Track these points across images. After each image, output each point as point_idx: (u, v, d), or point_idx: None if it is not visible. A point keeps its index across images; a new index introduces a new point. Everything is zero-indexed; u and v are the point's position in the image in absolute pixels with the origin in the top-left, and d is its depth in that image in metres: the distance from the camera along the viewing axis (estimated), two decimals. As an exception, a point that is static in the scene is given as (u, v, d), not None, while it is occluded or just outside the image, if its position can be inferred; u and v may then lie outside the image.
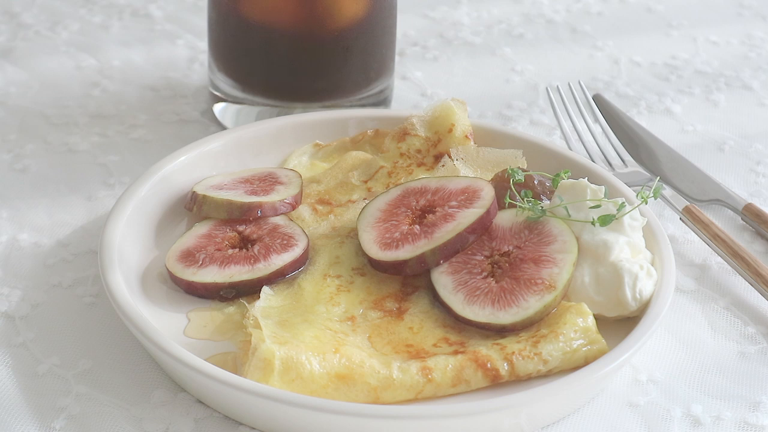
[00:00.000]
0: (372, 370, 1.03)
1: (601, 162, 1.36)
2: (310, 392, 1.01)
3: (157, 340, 1.03)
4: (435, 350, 1.07)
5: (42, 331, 1.12)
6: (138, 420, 1.03)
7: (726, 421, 1.06)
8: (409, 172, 1.27)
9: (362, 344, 1.07)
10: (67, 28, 1.62)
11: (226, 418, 1.04)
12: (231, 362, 1.05)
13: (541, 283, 1.09)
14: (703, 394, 1.09)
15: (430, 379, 1.03)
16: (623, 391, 1.08)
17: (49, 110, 1.45)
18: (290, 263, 1.13)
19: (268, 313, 1.09)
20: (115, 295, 1.08)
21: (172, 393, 1.06)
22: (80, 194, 1.31)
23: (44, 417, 1.04)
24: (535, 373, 1.05)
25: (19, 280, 1.19)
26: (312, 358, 1.03)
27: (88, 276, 1.19)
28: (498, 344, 1.06)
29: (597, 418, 1.05)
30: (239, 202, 1.18)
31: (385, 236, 1.15)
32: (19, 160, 1.36)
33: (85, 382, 1.07)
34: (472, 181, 1.18)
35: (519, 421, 1.01)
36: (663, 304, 1.09)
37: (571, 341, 1.06)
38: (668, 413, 1.06)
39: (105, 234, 1.15)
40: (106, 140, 1.40)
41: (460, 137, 1.28)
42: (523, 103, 1.51)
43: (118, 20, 1.64)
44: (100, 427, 1.03)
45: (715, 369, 1.11)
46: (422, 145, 1.29)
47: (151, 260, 1.18)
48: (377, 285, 1.14)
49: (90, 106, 1.46)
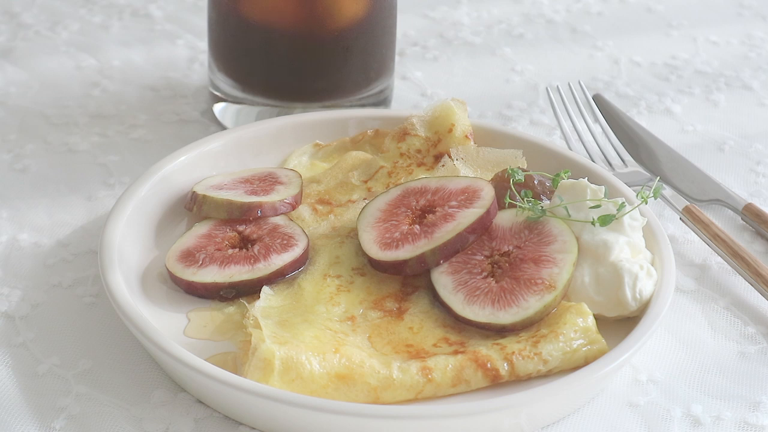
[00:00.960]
0: (372, 370, 1.03)
1: (601, 162, 1.36)
2: (310, 392, 1.01)
3: (157, 340, 1.03)
4: (435, 350, 1.07)
5: (42, 331, 1.12)
6: (138, 420, 1.03)
7: (726, 421, 1.06)
8: (409, 172, 1.27)
9: (362, 344, 1.07)
10: (67, 28, 1.62)
11: (226, 418, 1.04)
12: (231, 362, 1.05)
13: (541, 283, 1.09)
14: (703, 394, 1.09)
15: (430, 379, 1.03)
16: (623, 391, 1.08)
17: (49, 110, 1.45)
18: (290, 263, 1.13)
19: (268, 313, 1.09)
20: (115, 295, 1.08)
21: (172, 393, 1.06)
22: (80, 194, 1.31)
23: (44, 417, 1.04)
24: (535, 373, 1.05)
25: (19, 280, 1.19)
26: (312, 358, 1.03)
27: (88, 276, 1.19)
28: (498, 344, 1.06)
29: (597, 418, 1.05)
30: (239, 202, 1.18)
31: (385, 236, 1.15)
32: (19, 160, 1.36)
33: (85, 382, 1.07)
34: (472, 181, 1.18)
35: (519, 421, 1.01)
36: (663, 304, 1.09)
37: (571, 341, 1.06)
38: (668, 413, 1.06)
39: (105, 234, 1.15)
40: (106, 140, 1.40)
41: (460, 137, 1.28)
42: (523, 103, 1.51)
43: (118, 20, 1.64)
44: (100, 427, 1.03)
45: (715, 369, 1.11)
46: (422, 145, 1.29)
47: (151, 260, 1.18)
48: (377, 285, 1.14)
49: (90, 106, 1.46)
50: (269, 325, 1.07)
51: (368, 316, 1.11)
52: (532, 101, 1.52)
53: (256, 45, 1.36)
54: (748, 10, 1.74)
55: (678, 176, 1.35)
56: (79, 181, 1.34)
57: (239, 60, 1.38)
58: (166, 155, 1.26)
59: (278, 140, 1.31)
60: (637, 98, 1.53)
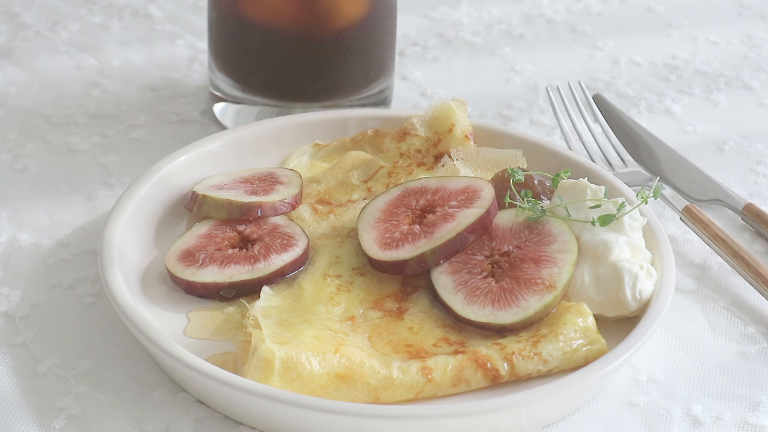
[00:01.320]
0: (372, 370, 1.03)
1: (601, 162, 1.36)
2: (310, 392, 1.01)
3: (157, 340, 1.03)
4: (435, 350, 1.07)
5: (42, 331, 1.12)
6: (138, 420, 1.03)
7: (726, 421, 1.06)
8: (409, 172, 1.27)
9: (362, 344, 1.07)
10: (67, 28, 1.62)
11: (226, 418, 1.04)
12: (231, 362, 1.05)
13: (541, 283, 1.09)
14: (703, 394, 1.09)
15: (430, 379, 1.03)
16: (623, 391, 1.08)
17: (49, 110, 1.45)
18: (290, 263, 1.13)
19: (268, 313, 1.09)
20: (115, 295, 1.08)
21: (172, 393, 1.06)
22: (80, 194, 1.31)
23: (44, 417, 1.04)
24: (535, 373, 1.05)
25: (19, 280, 1.19)
26: (312, 358, 1.03)
27: (88, 276, 1.19)
28: (498, 344, 1.06)
29: (597, 418, 1.05)
30: (239, 202, 1.18)
31: (385, 236, 1.15)
32: (19, 160, 1.36)
33: (85, 382, 1.07)
34: (472, 181, 1.18)
35: (519, 421, 1.01)
36: (663, 304, 1.09)
37: (571, 341, 1.06)
38: (668, 413, 1.06)
39: (105, 234, 1.15)
40: (106, 140, 1.40)
41: (460, 137, 1.28)
42: (523, 103, 1.51)
43: (118, 20, 1.65)
44: (100, 427, 1.03)
45: (715, 369, 1.11)
46: (422, 145, 1.29)
47: (151, 260, 1.18)
48: (377, 285, 1.14)
49: (90, 106, 1.46)
50: (269, 325, 1.07)
51: (368, 316, 1.11)
52: (532, 101, 1.52)
53: (256, 45, 1.36)
54: (748, 10, 1.74)
55: (678, 176, 1.35)
56: (79, 181, 1.34)
57: (239, 60, 1.38)
58: (166, 155, 1.26)
59: (278, 140, 1.31)
60: (637, 98, 1.53)
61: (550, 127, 1.47)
